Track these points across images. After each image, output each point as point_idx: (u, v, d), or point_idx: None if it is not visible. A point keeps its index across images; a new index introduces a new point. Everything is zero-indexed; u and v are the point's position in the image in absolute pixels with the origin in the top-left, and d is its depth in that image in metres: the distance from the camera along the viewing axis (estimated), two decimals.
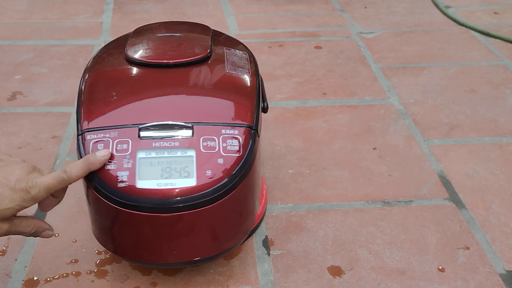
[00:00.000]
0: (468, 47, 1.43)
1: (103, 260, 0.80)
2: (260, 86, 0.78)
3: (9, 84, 1.25)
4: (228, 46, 0.84)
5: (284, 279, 0.77)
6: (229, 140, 0.67)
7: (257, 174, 0.72)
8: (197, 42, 0.81)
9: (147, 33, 0.84)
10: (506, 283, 0.77)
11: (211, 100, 0.73)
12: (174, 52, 0.78)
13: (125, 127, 0.68)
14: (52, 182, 0.65)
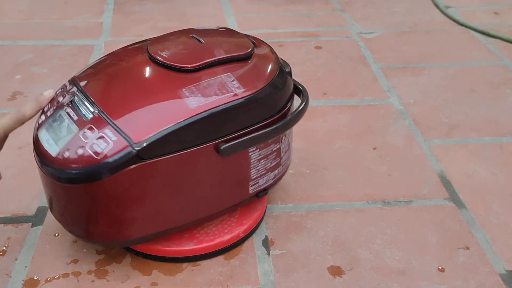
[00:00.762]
0: (468, 47, 1.43)
1: (103, 260, 0.80)
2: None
3: (9, 84, 1.25)
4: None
5: (284, 279, 0.77)
6: (99, 140, 0.67)
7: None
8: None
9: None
10: (506, 283, 0.77)
11: (143, 102, 0.72)
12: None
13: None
14: (8, 122, 0.70)
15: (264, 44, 0.86)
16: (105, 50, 1.39)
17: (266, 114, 0.76)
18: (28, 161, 1.00)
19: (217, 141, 0.71)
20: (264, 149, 0.77)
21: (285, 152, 0.83)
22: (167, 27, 1.53)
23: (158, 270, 0.79)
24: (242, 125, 0.73)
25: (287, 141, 0.82)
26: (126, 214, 0.71)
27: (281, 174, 0.85)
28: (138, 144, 0.67)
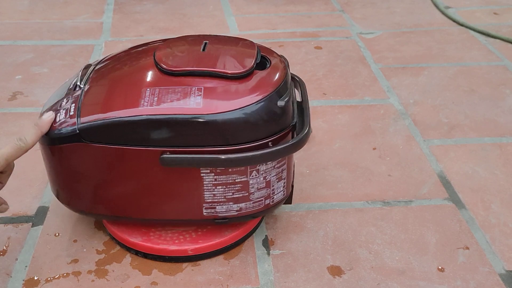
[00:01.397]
0: (468, 47, 1.44)
1: (103, 260, 0.80)
2: None
3: (9, 84, 1.25)
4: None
5: (284, 279, 0.78)
6: (62, 112, 0.74)
7: None
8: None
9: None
10: (506, 283, 0.77)
11: (115, 90, 0.75)
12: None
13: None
14: (10, 152, 0.68)
15: (281, 72, 0.76)
16: (106, 50, 1.39)
17: (221, 141, 0.70)
18: (28, 161, 1.00)
19: (163, 149, 0.70)
20: (223, 176, 0.72)
21: (258, 189, 0.75)
22: (167, 27, 1.54)
23: (158, 270, 0.79)
24: (193, 142, 0.70)
25: (263, 179, 0.74)
26: (75, 185, 0.77)
27: (252, 211, 0.77)
28: (82, 125, 0.71)
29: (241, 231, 0.82)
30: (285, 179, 0.77)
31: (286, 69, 0.77)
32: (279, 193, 0.78)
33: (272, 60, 0.78)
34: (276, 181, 0.76)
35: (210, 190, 0.74)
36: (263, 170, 0.74)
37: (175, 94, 0.71)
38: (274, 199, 0.78)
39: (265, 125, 0.72)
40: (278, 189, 0.77)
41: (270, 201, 0.78)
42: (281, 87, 0.73)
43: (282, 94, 0.73)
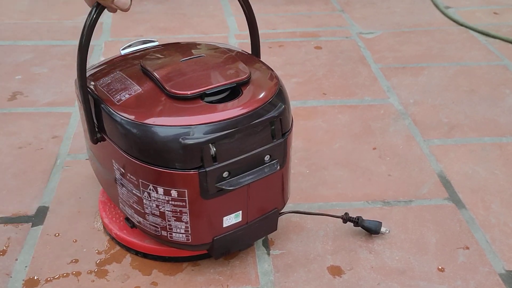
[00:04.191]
0: (468, 47, 1.44)
1: (104, 260, 0.80)
2: None
3: (9, 84, 1.25)
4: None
5: (284, 279, 0.78)
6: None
7: None
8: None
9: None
10: (506, 283, 0.77)
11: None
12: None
13: None
14: None
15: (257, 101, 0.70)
16: (105, 50, 1.39)
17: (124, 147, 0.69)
18: (28, 161, 1.00)
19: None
20: (124, 179, 0.72)
21: (152, 213, 0.71)
22: (167, 27, 1.54)
23: (158, 270, 0.79)
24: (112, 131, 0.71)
25: (155, 206, 0.70)
26: None
27: (149, 231, 0.74)
28: None
29: None
30: (188, 224, 0.71)
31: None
32: (179, 235, 0.72)
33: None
34: (173, 219, 0.71)
35: (120, 186, 0.74)
36: (154, 197, 0.69)
37: (118, 83, 0.74)
38: (173, 237, 0.73)
39: (169, 152, 0.67)
40: (177, 229, 0.72)
41: (168, 235, 0.73)
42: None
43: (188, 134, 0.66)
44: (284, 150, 0.73)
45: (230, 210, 0.72)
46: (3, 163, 1.00)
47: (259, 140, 0.70)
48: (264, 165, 0.71)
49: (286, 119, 0.73)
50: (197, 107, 0.68)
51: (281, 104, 0.71)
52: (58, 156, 1.01)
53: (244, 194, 0.72)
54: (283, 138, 0.72)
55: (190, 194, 0.68)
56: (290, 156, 0.76)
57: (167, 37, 1.48)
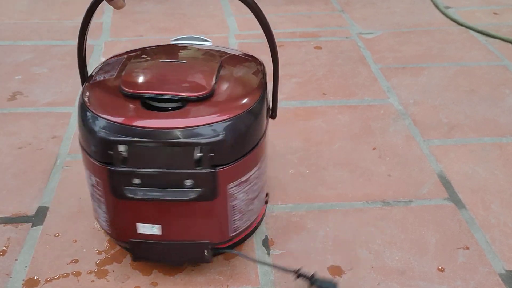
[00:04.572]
0: (468, 47, 1.44)
1: (104, 260, 0.80)
2: None
3: (9, 84, 1.25)
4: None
5: (284, 279, 0.78)
6: None
7: None
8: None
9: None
10: (506, 283, 0.77)
11: None
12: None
13: None
14: None
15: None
16: (105, 50, 1.39)
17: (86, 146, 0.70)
18: (28, 161, 1.00)
19: None
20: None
21: (90, 193, 0.74)
22: (167, 27, 1.54)
23: (158, 270, 0.79)
24: None
25: (91, 185, 0.72)
26: None
27: (107, 230, 0.76)
28: None
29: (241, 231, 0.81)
30: (106, 214, 0.73)
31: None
32: (103, 222, 0.75)
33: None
34: (96, 204, 0.74)
35: None
36: (88, 178, 0.73)
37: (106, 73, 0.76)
38: (100, 223, 0.76)
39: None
40: (101, 216, 0.74)
41: (98, 219, 0.77)
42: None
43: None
44: (214, 183, 0.67)
45: (145, 220, 0.71)
46: (3, 163, 1.00)
47: (178, 162, 0.66)
48: (183, 189, 0.67)
49: (223, 154, 0.66)
50: (130, 107, 0.67)
51: (222, 134, 0.65)
52: (58, 156, 1.01)
53: (162, 210, 0.69)
54: (211, 169, 0.66)
55: (104, 187, 0.69)
56: (237, 192, 0.71)
57: (167, 37, 1.48)
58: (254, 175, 0.72)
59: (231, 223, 0.73)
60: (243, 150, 0.69)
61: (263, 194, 0.80)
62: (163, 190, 0.67)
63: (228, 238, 0.75)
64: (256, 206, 0.77)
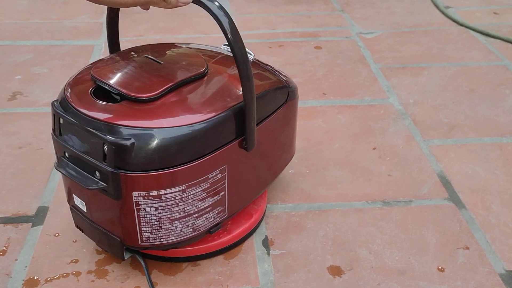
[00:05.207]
0: (468, 47, 1.44)
1: (103, 260, 0.80)
2: None
3: (9, 84, 1.25)
4: None
5: (284, 279, 0.78)
6: None
7: None
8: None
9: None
10: (506, 283, 0.77)
11: None
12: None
13: None
14: None
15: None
16: (105, 50, 1.39)
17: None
18: (28, 161, 1.00)
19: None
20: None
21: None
22: (167, 27, 1.54)
23: (158, 270, 0.79)
24: None
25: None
26: None
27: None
28: None
29: (241, 231, 0.82)
30: None
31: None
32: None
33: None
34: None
35: None
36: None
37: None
38: None
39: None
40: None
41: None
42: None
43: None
44: (117, 184, 0.65)
45: (75, 192, 0.74)
46: (3, 163, 1.00)
47: (92, 150, 0.66)
48: (93, 178, 0.67)
49: (127, 159, 0.64)
50: (84, 89, 0.71)
51: (129, 141, 0.63)
52: None
53: (85, 191, 0.71)
54: (115, 169, 0.64)
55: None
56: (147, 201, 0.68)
57: (167, 37, 1.48)
58: (172, 195, 0.68)
59: (140, 232, 0.70)
60: (155, 165, 0.65)
61: (200, 221, 0.73)
62: (80, 172, 0.68)
63: (138, 245, 0.72)
64: (181, 229, 0.72)
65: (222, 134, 0.69)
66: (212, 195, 0.71)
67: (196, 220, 0.72)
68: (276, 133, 0.80)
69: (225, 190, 0.73)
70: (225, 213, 0.76)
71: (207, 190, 0.70)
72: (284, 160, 0.87)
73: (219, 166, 0.70)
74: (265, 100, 0.76)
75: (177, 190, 0.68)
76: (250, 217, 0.83)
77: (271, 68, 0.84)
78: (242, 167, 0.75)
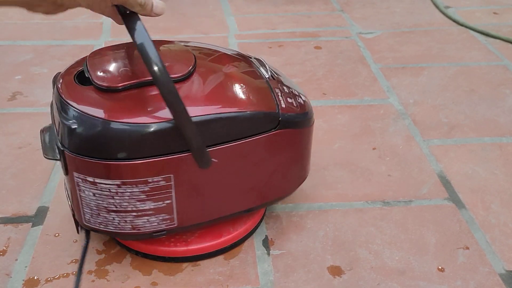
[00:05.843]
0: (468, 47, 1.44)
1: (103, 260, 0.80)
2: None
3: (9, 84, 1.25)
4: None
5: (284, 279, 0.78)
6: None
7: None
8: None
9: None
10: (506, 283, 0.77)
11: None
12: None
13: None
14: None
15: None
16: None
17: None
18: (28, 161, 1.00)
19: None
20: None
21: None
22: (167, 27, 1.54)
23: (158, 270, 0.79)
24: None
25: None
26: None
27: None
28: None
29: (241, 231, 0.82)
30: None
31: None
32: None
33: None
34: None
35: None
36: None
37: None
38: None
39: None
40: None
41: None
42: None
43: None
44: (64, 161, 0.68)
45: None
46: (3, 163, 1.00)
47: (57, 124, 0.70)
48: (54, 150, 0.70)
49: (68, 139, 0.67)
50: (75, 73, 0.74)
51: (71, 122, 0.65)
52: None
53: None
54: (62, 146, 0.67)
55: None
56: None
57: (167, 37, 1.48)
58: (107, 187, 0.68)
59: (83, 212, 0.72)
60: (92, 153, 0.66)
61: (140, 221, 0.71)
62: (49, 142, 0.72)
63: (83, 224, 0.73)
64: (119, 222, 0.71)
65: (168, 143, 0.66)
66: (154, 200, 0.69)
67: (135, 218, 0.71)
68: (256, 158, 0.74)
69: (172, 199, 0.70)
70: (173, 223, 0.72)
71: (147, 193, 0.68)
72: (279, 189, 0.80)
73: (162, 174, 0.68)
74: (230, 122, 0.70)
75: (112, 183, 0.67)
76: (250, 217, 0.83)
77: (289, 89, 0.78)
78: (200, 182, 0.71)
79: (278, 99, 0.75)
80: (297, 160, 0.81)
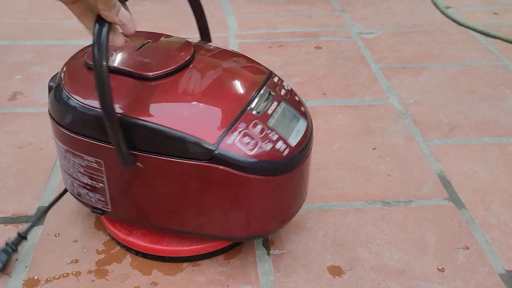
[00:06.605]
0: (468, 47, 1.44)
1: (103, 260, 0.80)
2: None
3: (9, 84, 1.25)
4: None
5: (284, 279, 0.78)
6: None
7: None
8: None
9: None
10: (506, 283, 0.77)
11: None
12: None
13: None
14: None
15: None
16: None
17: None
18: (28, 161, 1.00)
19: None
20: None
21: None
22: (167, 27, 1.54)
23: (158, 270, 0.79)
24: None
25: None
26: None
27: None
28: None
29: None
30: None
31: None
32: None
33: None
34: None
35: None
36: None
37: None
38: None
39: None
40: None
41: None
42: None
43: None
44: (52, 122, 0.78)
45: None
46: (3, 162, 1.00)
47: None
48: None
49: (51, 107, 0.77)
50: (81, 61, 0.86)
51: (52, 89, 0.78)
52: None
53: None
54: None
55: None
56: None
57: None
58: (60, 147, 0.77)
59: (62, 172, 0.82)
60: (53, 115, 0.76)
61: (82, 191, 0.77)
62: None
63: (66, 188, 0.84)
64: (71, 183, 0.79)
65: (102, 131, 0.68)
66: (90, 178, 0.76)
67: (79, 187, 0.78)
68: (187, 182, 0.70)
69: (105, 184, 0.75)
70: (108, 207, 0.77)
71: (84, 168, 0.75)
72: (223, 228, 0.74)
73: (94, 157, 0.73)
74: (156, 134, 0.68)
75: (62, 146, 0.76)
76: None
77: (272, 131, 0.71)
78: (129, 180, 0.73)
79: (229, 132, 0.68)
80: (243, 207, 0.72)
